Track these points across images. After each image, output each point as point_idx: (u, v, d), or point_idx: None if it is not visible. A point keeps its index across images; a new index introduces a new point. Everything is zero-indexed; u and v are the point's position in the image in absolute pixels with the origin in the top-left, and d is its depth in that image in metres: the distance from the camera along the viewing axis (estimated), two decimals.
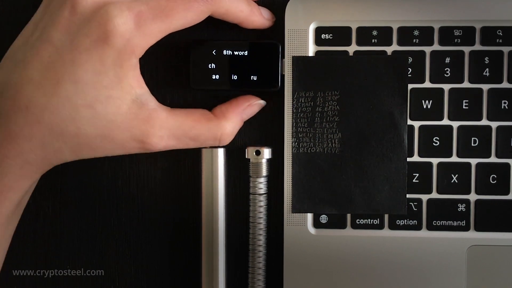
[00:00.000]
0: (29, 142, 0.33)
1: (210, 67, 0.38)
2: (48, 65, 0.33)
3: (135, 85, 0.34)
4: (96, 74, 0.33)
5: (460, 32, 0.38)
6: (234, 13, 0.36)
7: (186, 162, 0.41)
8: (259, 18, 0.37)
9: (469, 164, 0.38)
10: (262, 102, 0.39)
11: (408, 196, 0.38)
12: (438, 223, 0.38)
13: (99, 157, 0.35)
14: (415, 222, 0.38)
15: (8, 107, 0.33)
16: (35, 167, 0.34)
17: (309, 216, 0.39)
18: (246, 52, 0.38)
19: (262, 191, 0.39)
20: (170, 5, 0.33)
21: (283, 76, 0.38)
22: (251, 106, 0.38)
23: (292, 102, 0.38)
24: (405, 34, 0.38)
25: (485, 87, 0.38)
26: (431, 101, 0.38)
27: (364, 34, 0.38)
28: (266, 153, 0.39)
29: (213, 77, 0.38)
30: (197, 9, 0.34)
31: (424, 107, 0.38)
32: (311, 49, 0.38)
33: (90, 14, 0.33)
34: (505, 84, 0.38)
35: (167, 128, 0.35)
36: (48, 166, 0.35)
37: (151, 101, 0.35)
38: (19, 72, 0.33)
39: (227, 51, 0.38)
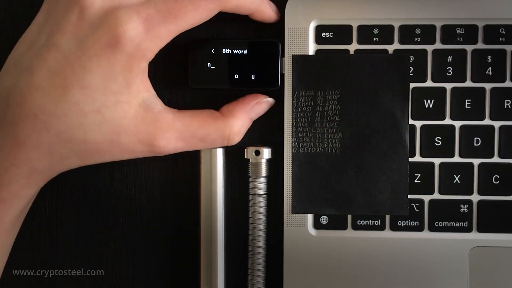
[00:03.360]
0: (36, 150, 0.33)
1: (209, 66, 0.38)
2: (56, 72, 0.32)
3: (142, 89, 0.34)
4: (105, 79, 0.32)
5: (462, 31, 0.38)
6: (245, 6, 0.36)
7: (185, 162, 0.41)
8: (269, 9, 0.37)
9: (471, 164, 0.38)
10: (270, 100, 0.39)
11: (409, 196, 0.38)
12: (440, 224, 0.38)
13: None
14: (416, 223, 0.38)
15: (16, 114, 0.33)
16: (42, 175, 0.34)
17: (309, 217, 0.39)
18: (246, 50, 0.38)
19: (261, 192, 0.39)
20: (178, 6, 0.33)
21: (283, 75, 0.38)
22: (259, 104, 0.38)
23: (292, 102, 0.38)
24: (407, 33, 0.38)
25: (487, 86, 0.38)
26: (433, 100, 0.38)
27: (365, 33, 0.38)
28: (266, 153, 0.39)
29: (212, 76, 0.38)
30: (205, 8, 0.34)
31: (426, 106, 0.38)
32: (311, 48, 0.38)
33: (99, 20, 0.33)
34: (508, 83, 0.38)
35: (174, 130, 0.35)
36: (54, 174, 0.35)
37: (158, 104, 0.35)
38: (26, 79, 0.33)
39: (226, 50, 0.38)
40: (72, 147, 0.33)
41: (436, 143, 0.38)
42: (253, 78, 0.38)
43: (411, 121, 0.38)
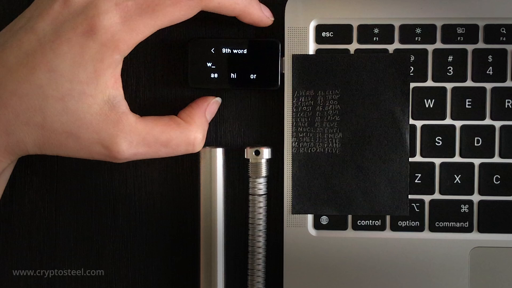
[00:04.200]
0: None
1: (208, 66, 0.38)
2: (27, 52, 0.33)
3: (111, 85, 0.33)
4: (74, 66, 0.32)
5: (463, 30, 0.38)
6: (229, 6, 0.35)
7: (184, 162, 0.40)
8: (258, 11, 0.36)
9: (472, 164, 0.38)
10: (218, 99, 0.39)
11: (410, 197, 0.38)
12: (441, 224, 0.38)
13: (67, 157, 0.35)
14: (417, 224, 0.38)
15: None
16: None
17: (310, 217, 0.39)
18: (245, 50, 0.38)
19: (261, 192, 0.39)
20: (157, 0, 0.33)
21: (283, 75, 0.38)
22: (210, 105, 0.38)
23: (292, 101, 0.38)
24: (407, 32, 0.38)
25: (488, 86, 0.38)
26: (433, 100, 0.38)
27: (365, 32, 0.38)
28: (266, 153, 0.39)
29: (212, 75, 0.38)
30: (185, 5, 0.33)
31: (427, 106, 0.38)
32: (311, 47, 0.38)
33: (80, 9, 0.33)
34: (508, 83, 0.38)
35: (136, 134, 0.34)
36: (11, 155, 0.34)
37: (123, 105, 0.34)
38: None
39: (226, 49, 0.38)
40: (30, 131, 0.33)
41: (436, 143, 0.38)
42: (253, 77, 0.38)
43: (411, 121, 0.38)
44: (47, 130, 0.33)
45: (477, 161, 0.38)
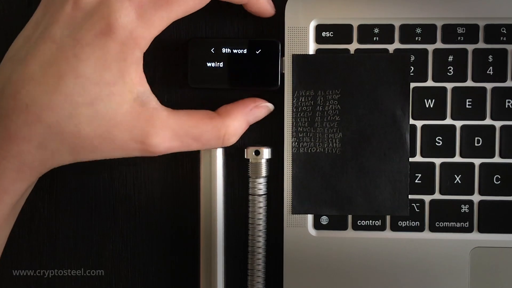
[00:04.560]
0: (28, 143, 0.33)
1: (208, 65, 0.38)
2: (50, 62, 0.32)
3: (137, 82, 0.33)
4: (99, 69, 0.32)
5: (463, 30, 0.38)
6: None
7: (184, 162, 0.40)
8: (265, 0, 0.37)
9: (472, 165, 0.38)
10: (270, 106, 0.38)
11: (410, 197, 0.38)
12: (441, 224, 0.38)
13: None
14: (417, 224, 0.38)
15: (9, 106, 0.32)
16: (32, 169, 0.34)
17: (310, 217, 0.39)
18: (245, 50, 0.38)
19: (261, 192, 0.39)
20: None
21: (283, 75, 0.38)
22: (258, 108, 0.38)
23: (292, 101, 0.38)
24: (407, 32, 0.38)
25: (488, 85, 0.38)
26: (433, 100, 0.38)
27: (366, 32, 0.38)
28: (266, 153, 0.39)
29: (212, 75, 0.38)
30: None
31: (427, 106, 0.38)
32: (311, 47, 0.38)
33: (93, 9, 0.33)
34: (509, 83, 0.38)
35: (169, 128, 0.34)
36: (45, 169, 0.34)
37: (153, 100, 0.34)
38: (20, 70, 0.32)
39: (226, 49, 0.38)
40: (64, 141, 0.33)
41: (436, 143, 0.38)
42: (253, 77, 0.38)
43: (411, 121, 0.38)
44: (81, 137, 0.33)
45: (477, 161, 0.38)
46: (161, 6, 0.33)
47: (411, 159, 0.38)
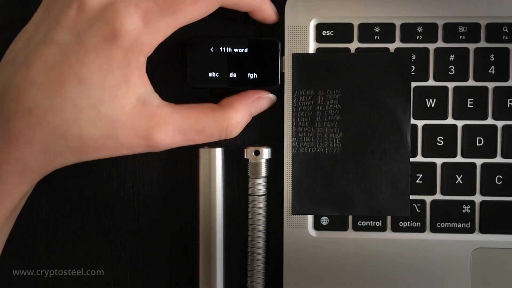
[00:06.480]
0: (30, 147, 0.33)
1: (208, 65, 0.38)
2: (53, 66, 0.32)
3: (140, 84, 0.34)
4: (102, 74, 0.32)
5: (464, 29, 0.37)
6: (246, 1, 0.36)
7: (183, 162, 0.40)
8: (270, 8, 0.37)
9: (474, 165, 0.38)
10: (272, 96, 0.38)
11: (411, 197, 0.38)
12: (442, 225, 0.38)
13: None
14: (418, 224, 0.38)
15: (11, 110, 0.32)
16: (35, 172, 0.34)
17: (310, 217, 0.38)
18: (245, 49, 0.38)
19: (261, 192, 0.39)
20: (177, 0, 0.33)
21: (283, 74, 0.38)
22: (260, 99, 0.38)
23: (292, 101, 0.38)
24: (408, 31, 0.38)
25: (490, 85, 0.38)
26: (435, 99, 0.38)
27: (366, 31, 0.38)
28: (265, 153, 0.38)
29: (211, 74, 0.38)
30: (205, 2, 0.33)
31: (428, 105, 0.38)
32: (311, 46, 0.38)
33: (97, 14, 0.32)
34: (511, 82, 0.38)
35: (172, 123, 0.34)
36: (47, 171, 0.35)
37: (155, 99, 0.35)
38: (21, 74, 0.32)
39: (226, 48, 0.38)
40: (67, 143, 0.33)
41: (438, 143, 0.38)
42: (253, 77, 0.38)
43: (412, 121, 0.38)
44: (85, 139, 0.33)
45: (479, 161, 0.38)
46: (167, 13, 0.33)
47: (412, 159, 0.38)
